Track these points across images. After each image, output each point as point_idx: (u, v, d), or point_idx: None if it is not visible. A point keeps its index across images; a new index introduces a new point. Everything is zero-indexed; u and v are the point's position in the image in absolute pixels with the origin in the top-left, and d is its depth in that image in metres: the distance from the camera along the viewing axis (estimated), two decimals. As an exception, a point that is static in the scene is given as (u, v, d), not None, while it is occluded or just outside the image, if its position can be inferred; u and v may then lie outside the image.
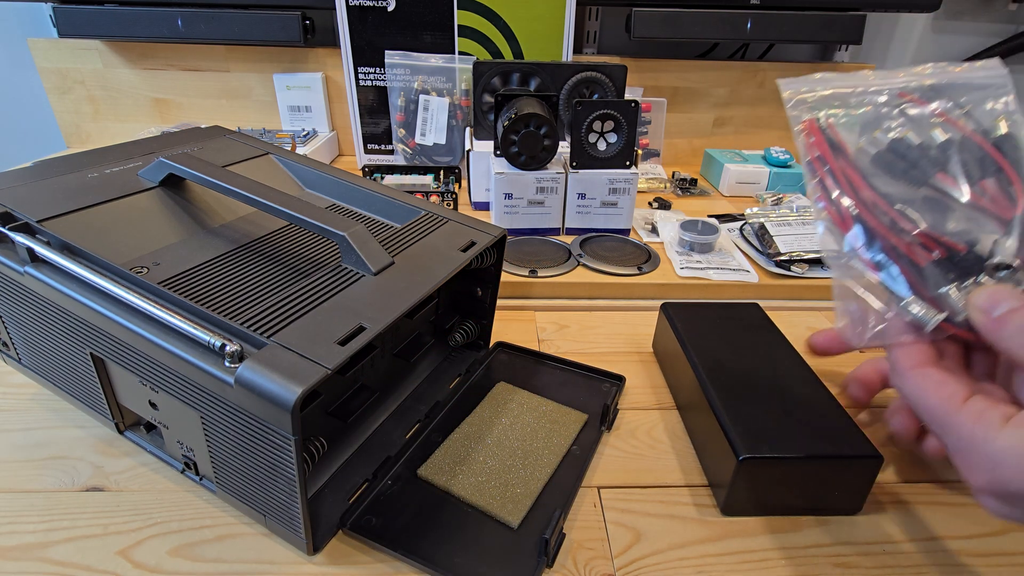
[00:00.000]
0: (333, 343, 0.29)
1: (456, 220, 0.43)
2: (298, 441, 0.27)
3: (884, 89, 0.31)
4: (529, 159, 0.68)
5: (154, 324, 0.30)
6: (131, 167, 0.42)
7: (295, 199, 0.36)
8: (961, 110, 0.29)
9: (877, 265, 0.27)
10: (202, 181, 0.38)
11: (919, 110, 0.30)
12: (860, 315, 0.27)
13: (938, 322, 0.25)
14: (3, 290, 0.36)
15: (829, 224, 0.28)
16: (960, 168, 0.28)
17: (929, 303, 0.26)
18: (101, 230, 0.35)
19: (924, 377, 0.25)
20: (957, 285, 0.26)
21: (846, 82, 0.31)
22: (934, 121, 0.30)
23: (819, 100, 0.31)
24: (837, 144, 0.29)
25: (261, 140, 0.51)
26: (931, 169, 0.28)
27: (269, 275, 0.35)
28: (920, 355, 0.26)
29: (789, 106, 0.31)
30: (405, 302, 0.33)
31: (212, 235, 0.38)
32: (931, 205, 0.28)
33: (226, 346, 0.27)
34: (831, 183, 0.29)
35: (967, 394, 0.24)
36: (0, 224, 0.33)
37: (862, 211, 0.27)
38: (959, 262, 0.26)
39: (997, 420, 0.23)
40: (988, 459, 0.23)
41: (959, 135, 0.29)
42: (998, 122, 0.29)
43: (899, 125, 0.30)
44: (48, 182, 0.38)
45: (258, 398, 0.26)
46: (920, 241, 0.27)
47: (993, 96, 0.29)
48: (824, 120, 0.30)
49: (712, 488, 0.38)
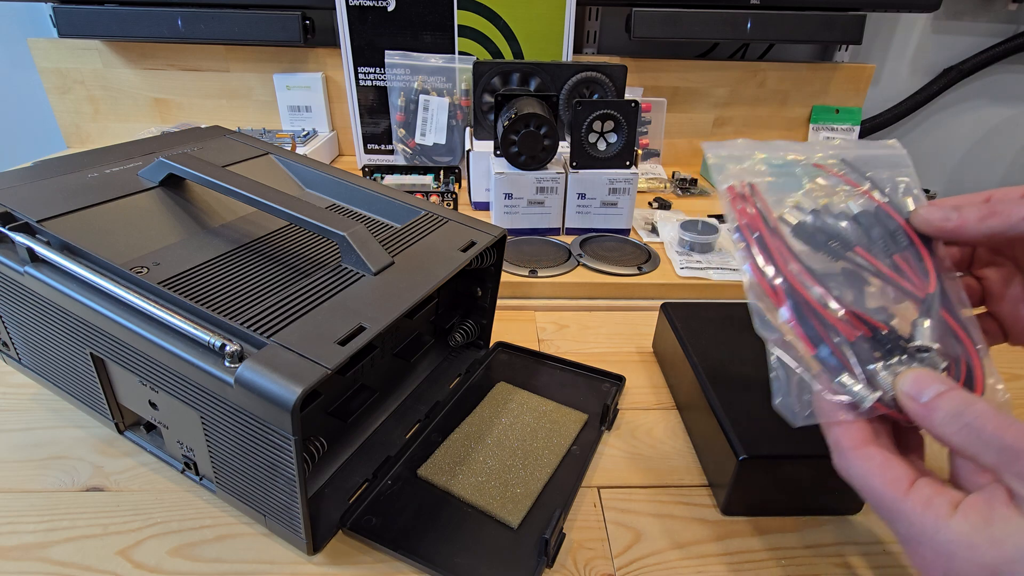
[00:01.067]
0: (333, 343, 0.29)
1: (456, 220, 0.43)
2: (298, 441, 0.27)
3: (802, 160, 0.31)
4: (529, 159, 0.68)
5: (154, 324, 0.30)
6: (131, 167, 0.42)
7: (295, 199, 0.36)
8: (871, 184, 0.30)
9: (811, 340, 0.27)
10: (202, 181, 0.38)
11: (835, 180, 0.30)
12: (796, 391, 0.27)
13: (873, 401, 0.25)
14: (3, 290, 0.36)
15: (760, 293, 0.28)
16: (876, 241, 0.28)
17: (863, 382, 0.26)
18: (101, 230, 0.35)
19: (867, 459, 0.25)
20: (883, 364, 0.26)
21: (768, 150, 0.31)
22: (849, 191, 0.30)
23: (743, 168, 0.31)
24: (764, 212, 0.29)
25: (261, 140, 0.51)
26: (849, 241, 0.28)
27: (269, 275, 0.35)
28: (859, 434, 0.26)
29: (713, 171, 0.31)
30: (405, 302, 0.33)
31: (212, 235, 0.38)
32: (850, 280, 0.28)
33: (226, 346, 0.27)
34: (760, 252, 0.28)
35: (912, 478, 0.24)
36: (0, 224, 0.33)
37: (794, 283, 0.27)
38: (882, 340, 0.26)
39: (945, 508, 0.22)
40: (941, 552, 0.22)
41: (873, 206, 0.29)
42: (906, 199, 0.29)
43: (818, 195, 0.30)
44: (48, 182, 0.38)
45: (258, 398, 0.26)
46: (846, 318, 0.26)
47: (899, 173, 0.30)
48: (748, 188, 0.30)
49: (712, 488, 0.38)
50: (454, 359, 0.49)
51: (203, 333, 0.28)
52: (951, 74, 1.12)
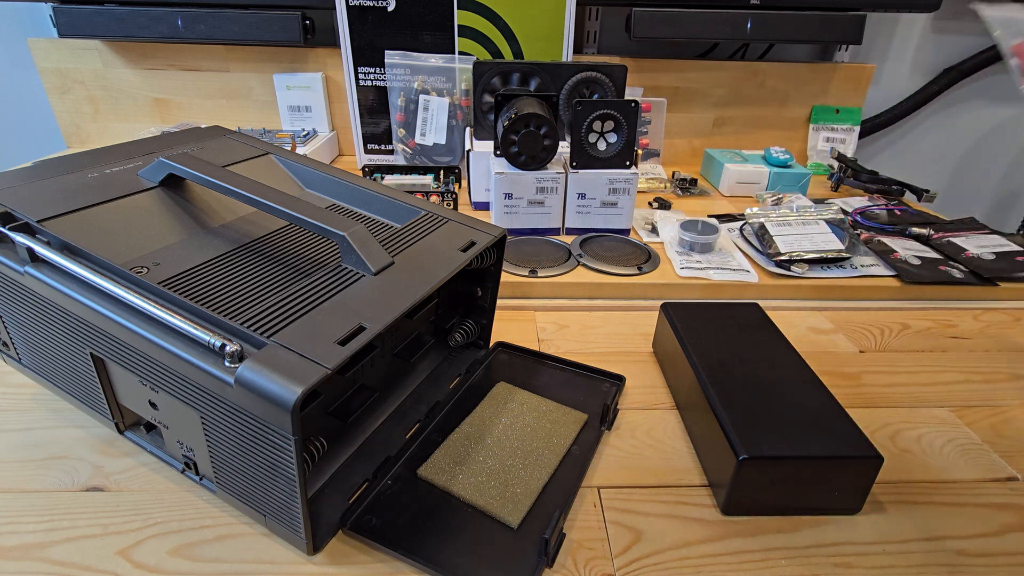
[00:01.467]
0: (333, 343, 0.29)
1: (456, 220, 0.43)
2: (298, 441, 0.27)
3: None
4: (529, 159, 0.68)
5: (154, 324, 0.30)
6: (131, 167, 0.42)
7: (295, 199, 0.36)
8: None
9: None
10: (202, 181, 0.38)
11: None
12: None
13: None
14: (3, 290, 0.36)
15: None
16: None
17: None
18: (101, 230, 0.35)
19: None
20: None
21: None
22: None
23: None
24: None
25: (261, 140, 0.51)
26: None
27: (269, 275, 0.35)
28: None
29: (997, 25, 0.31)
30: (405, 302, 0.33)
31: (212, 235, 0.38)
32: None
33: (226, 346, 0.27)
34: None
35: None
36: (0, 224, 0.33)
37: None
38: None
39: None
40: None
41: None
42: None
43: None
44: (48, 182, 0.38)
45: (258, 398, 0.26)
46: None
47: None
48: None
49: (712, 488, 0.38)
50: (454, 359, 0.49)
51: (203, 333, 0.28)
52: (951, 74, 1.12)
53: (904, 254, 0.68)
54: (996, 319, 0.59)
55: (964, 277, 0.64)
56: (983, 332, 0.57)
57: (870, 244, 0.70)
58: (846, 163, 0.94)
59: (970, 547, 0.34)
